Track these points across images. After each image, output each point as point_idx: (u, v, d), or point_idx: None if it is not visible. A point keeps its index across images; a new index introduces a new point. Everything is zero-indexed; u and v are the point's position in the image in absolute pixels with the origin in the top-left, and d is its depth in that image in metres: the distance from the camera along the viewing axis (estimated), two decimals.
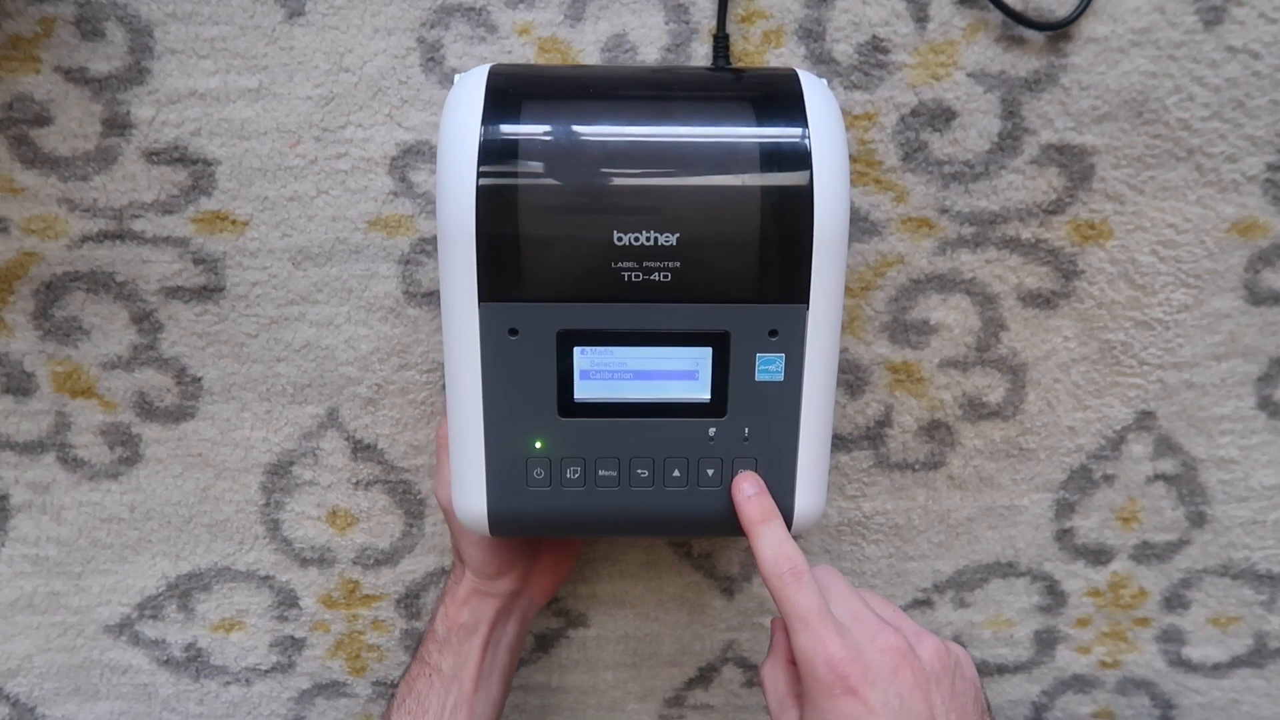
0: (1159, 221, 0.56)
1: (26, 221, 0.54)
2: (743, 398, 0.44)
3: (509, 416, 0.44)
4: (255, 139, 0.53)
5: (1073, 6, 0.52)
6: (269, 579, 0.62)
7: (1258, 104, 0.54)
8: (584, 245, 0.41)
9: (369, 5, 0.51)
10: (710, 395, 0.44)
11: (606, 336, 0.43)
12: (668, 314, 0.43)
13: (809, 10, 0.52)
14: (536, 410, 0.44)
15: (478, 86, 0.43)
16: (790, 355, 0.44)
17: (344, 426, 0.59)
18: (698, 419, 0.45)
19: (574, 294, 0.42)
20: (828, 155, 0.42)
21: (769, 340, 0.43)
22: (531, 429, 0.44)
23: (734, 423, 0.45)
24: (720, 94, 0.45)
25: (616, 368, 0.44)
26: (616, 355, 0.44)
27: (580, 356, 0.43)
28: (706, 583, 0.64)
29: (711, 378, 0.44)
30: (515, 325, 0.43)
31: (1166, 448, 0.60)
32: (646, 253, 0.41)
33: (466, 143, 0.41)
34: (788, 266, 0.42)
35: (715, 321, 0.43)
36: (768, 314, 0.43)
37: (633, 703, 0.67)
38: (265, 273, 0.56)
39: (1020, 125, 0.54)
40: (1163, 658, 0.66)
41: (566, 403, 0.44)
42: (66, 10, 0.51)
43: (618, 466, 0.45)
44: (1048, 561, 0.63)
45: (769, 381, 0.44)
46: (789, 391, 0.44)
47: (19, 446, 0.59)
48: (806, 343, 0.44)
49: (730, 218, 0.42)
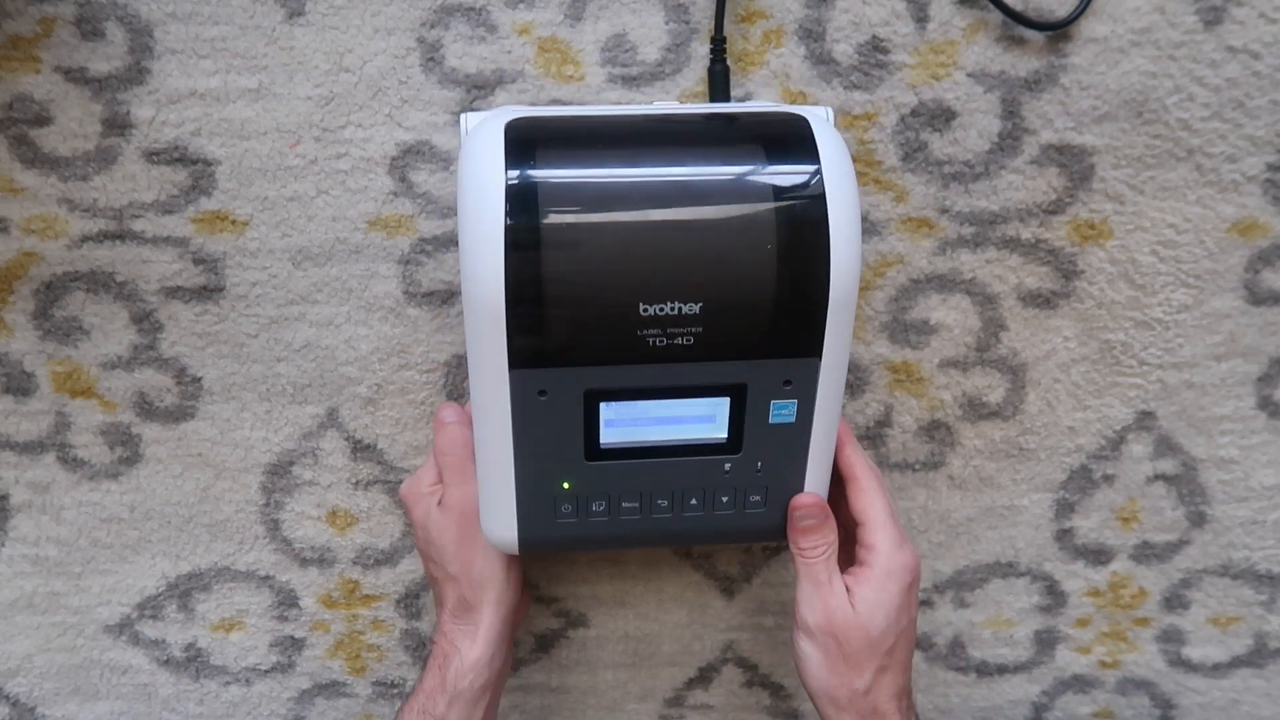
0: (1159, 221, 0.56)
1: (26, 221, 0.54)
2: (757, 438, 0.47)
3: (539, 462, 0.47)
4: (255, 139, 0.53)
5: (1073, 6, 0.52)
6: (269, 579, 0.62)
7: (1258, 104, 0.54)
8: (610, 317, 0.43)
9: (369, 5, 0.51)
10: (727, 436, 0.47)
11: (631, 393, 0.46)
12: (689, 372, 0.45)
13: (809, 10, 0.52)
14: (564, 457, 0.47)
15: (495, 152, 0.43)
16: (802, 401, 0.46)
17: (344, 426, 0.59)
18: (714, 456, 0.48)
19: (600, 359, 0.44)
20: (843, 221, 0.43)
21: (783, 389, 0.46)
22: (559, 473, 0.47)
23: (748, 458, 0.48)
24: (738, 161, 0.45)
25: (639, 416, 0.47)
26: (640, 407, 0.46)
27: (605, 409, 0.46)
28: (706, 583, 0.64)
29: (729, 421, 0.47)
30: (544, 387, 0.45)
31: (1166, 448, 0.60)
32: (671, 320, 0.43)
33: (491, 226, 0.42)
34: (803, 325, 0.45)
35: (733, 376, 0.45)
36: (783, 367, 0.45)
37: (633, 703, 0.67)
38: (265, 273, 0.56)
39: (1020, 125, 0.54)
40: (1163, 658, 0.66)
41: (592, 449, 0.47)
42: (66, 10, 0.51)
43: (639, 499, 0.48)
44: (1048, 561, 0.63)
45: (782, 424, 0.47)
46: (800, 431, 0.47)
47: (19, 446, 0.59)
48: (818, 389, 0.46)
49: (750, 284, 0.43)
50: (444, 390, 0.58)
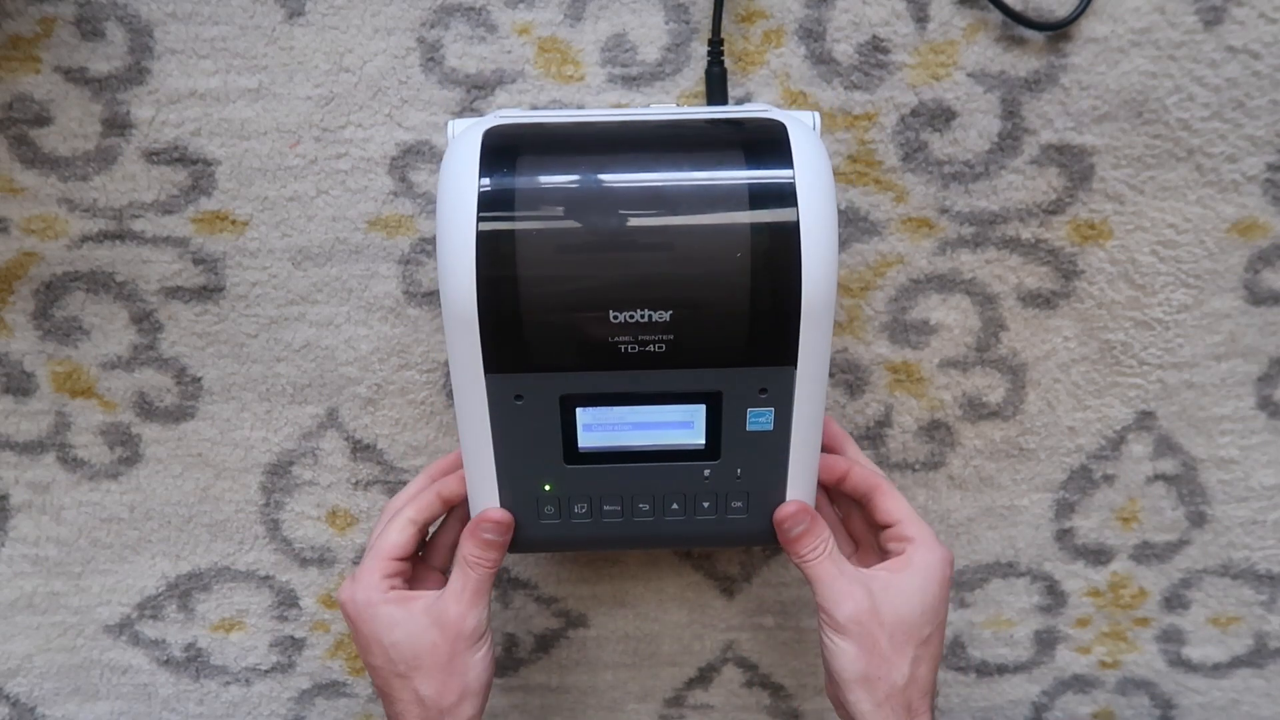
0: (1159, 221, 0.56)
1: (26, 221, 0.54)
2: (735, 445, 0.47)
3: (520, 464, 0.48)
4: (255, 139, 0.53)
5: (1073, 6, 0.52)
6: (269, 579, 0.62)
7: (1258, 104, 0.54)
8: (582, 323, 0.44)
9: (369, 5, 0.51)
10: (705, 442, 0.47)
11: (606, 398, 0.46)
12: (663, 379, 0.45)
13: (809, 10, 0.52)
14: (545, 460, 0.47)
15: (471, 159, 0.43)
16: (779, 409, 0.46)
17: (344, 426, 0.59)
18: (693, 462, 0.48)
19: (574, 364, 0.45)
20: (816, 229, 0.43)
21: (759, 397, 0.46)
22: (540, 475, 0.48)
23: (727, 465, 0.48)
24: (712, 168, 0.45)
25: (617, 422, 0.47)
26: (616, 412, 0.47)
27: (583, 414, 0.46)
28: (706, 583, 0.64)
29: (706, 428, 0.47)
30: (520, 392, 0.45)
31: (1166, 448, 0.60)
32: (642, 328, 0.43)
33: (464, 234, 0.43)
34: (776, 334, 0.44)
35: (708, 383, 0.46)
36: (758, 376, 0.45)
37: (633, 703, 0.67)
38: (265, 273, 0.56)
39: (1020, 125, 0.54)
40: (1163, 658, 0.66)
41: (571, 453, 0.47)
42: (66, 10, 0.51)
43: (621, 503, 0.49)
44: (1048, 561, 0.63)
45: (759, 431, 0.47)
46: (779, 439, 0.47)
47: (19, 446, 0.59)
48: (794, 398, 0.46)
49: (721, 293, 0.43)
50: (444, 390, 0.58)
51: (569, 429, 0.47)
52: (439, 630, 0.47)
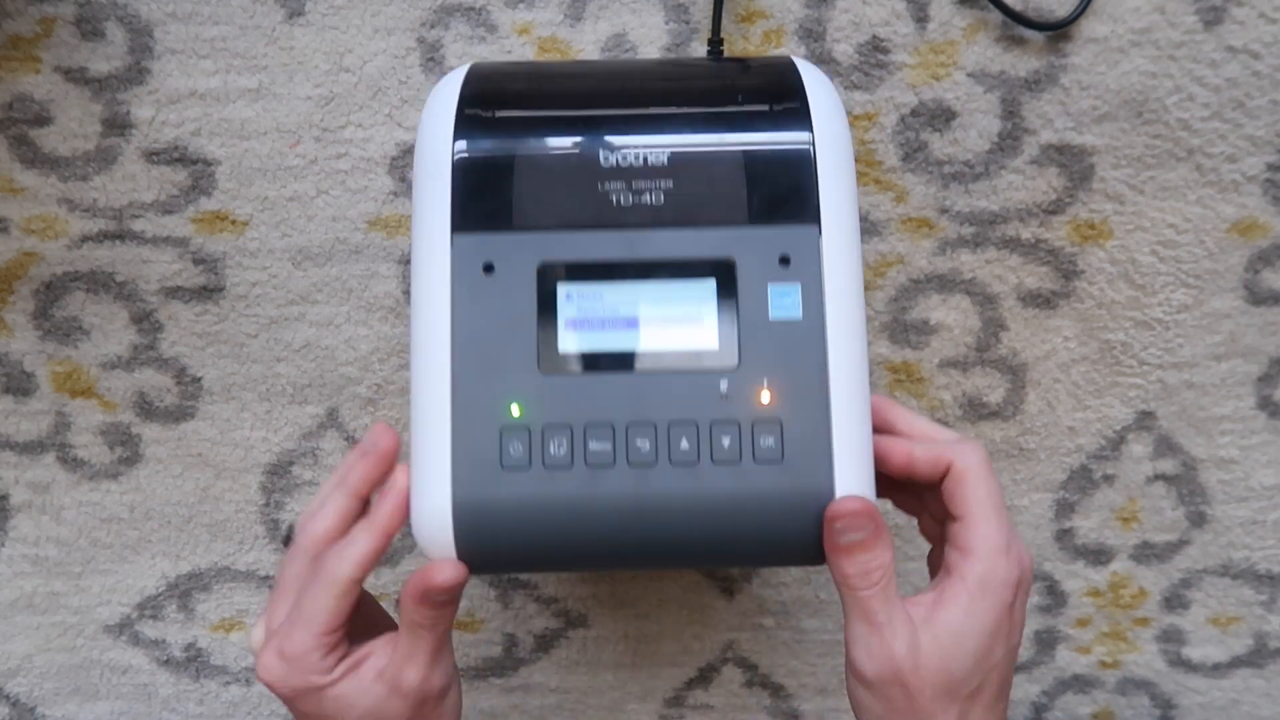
0: (1159, 221, 0.56)
1: (26, 221, 0.54)
2: (757, 342, 0.37)
3: (481, 374, 0.38)
4: (255, 139, 0.53)
5: (1073, 6, 0.52)
6: (269, 579, 0.62)
7: (1258, 104, 0.54)
8: (568, 168, 0.38)
9: (369, 5, 0.51)
10: (718, 340, 0.38)
11: (594, 271, 0.38)
12: (662, 241, 0.38)
13: (809, 10, 0.52)
14: (514, 366, 0.37)
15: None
16: (807, 286, 0.37)
17: (344, 426, 0.59)
18: (705, 372, 0.38)
19: (557, 221, 0.38)
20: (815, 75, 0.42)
21: (780, 270, 0.38)
22: (507, 390, 0.38)
23: (749, 374, 0.37)
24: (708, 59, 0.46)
25: (607, 315, 0.38)
26: (606, 299, 0.38)
27: (565, 301, 0.38)
28: (706, 583, 0.64)
29: (718, 318, 0.38)
30: (492, 260, 0.38)
31: (1166, 448, 0.60)
32: (636, 172, 0.38)
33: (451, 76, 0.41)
34: (791, 181, 0.38)
35: (716, 248, 0.38)
36: (775, 237, 0.38)
37: (633, 703, 0.67)
38: (265, 273, 0.56)
39: (1020, 125, 0.54)
40: (1163, 658, 0.66)
41: (550, 355, 0.38)
42: (66, 10, 0.51)
43: (610, 437, 0.37)
44: (1048, 561, 0.63)
45: (786, 320, 0.37)
46: (812, 333, 0.37)
47: (19, 446, 0.59)
48: (824, 271, 0.38)
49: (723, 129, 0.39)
50: None
51: (547, 318, 0.38)
52: (400, 698, 0.40)
